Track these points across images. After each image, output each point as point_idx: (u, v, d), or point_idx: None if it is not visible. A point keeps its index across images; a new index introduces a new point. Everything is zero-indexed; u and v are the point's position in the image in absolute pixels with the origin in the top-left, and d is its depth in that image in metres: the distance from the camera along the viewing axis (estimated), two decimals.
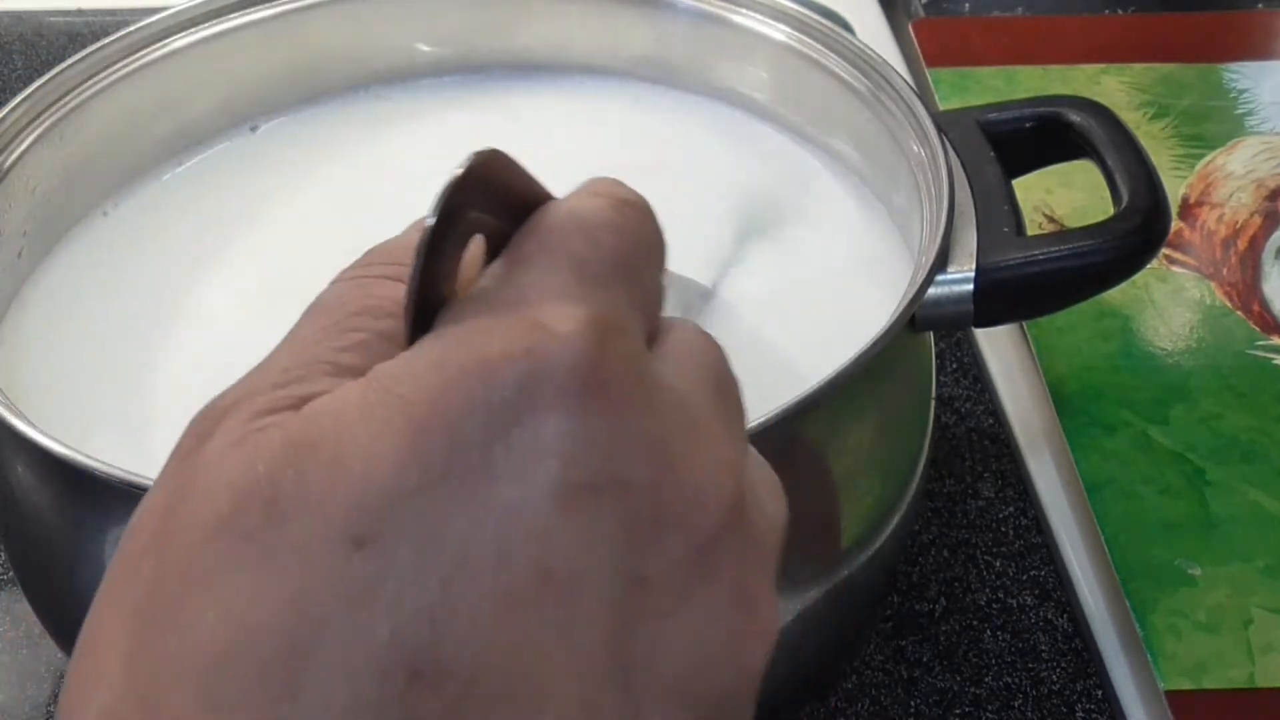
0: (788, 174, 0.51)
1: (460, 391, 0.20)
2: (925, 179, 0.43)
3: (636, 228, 0.24)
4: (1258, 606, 0.49)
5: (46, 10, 0.82)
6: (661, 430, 0.21)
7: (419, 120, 0.54)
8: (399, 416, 0.20)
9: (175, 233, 0.49)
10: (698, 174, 0.51)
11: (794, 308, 0.46)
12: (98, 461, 0.34)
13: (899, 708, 0.47)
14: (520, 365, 0.20)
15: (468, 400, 0.20)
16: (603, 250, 0.23)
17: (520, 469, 0.20)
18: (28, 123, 0.46)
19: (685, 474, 0.21)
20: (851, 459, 0.40)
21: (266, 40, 0.52)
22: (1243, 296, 0.61)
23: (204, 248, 0.48)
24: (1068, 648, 0.49)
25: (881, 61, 0.47)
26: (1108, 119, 0.47)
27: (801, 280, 0.47)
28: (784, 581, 0.40)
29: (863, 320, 0.39)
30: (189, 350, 0.44)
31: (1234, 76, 0.73)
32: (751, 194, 0.51)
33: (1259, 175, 0.67)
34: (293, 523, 0.20)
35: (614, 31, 0.54)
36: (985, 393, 0.58)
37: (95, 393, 0.43)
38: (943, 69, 0.73)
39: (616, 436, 0.21)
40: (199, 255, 0.48)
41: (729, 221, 0.49)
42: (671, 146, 0.52)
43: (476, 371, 0.20)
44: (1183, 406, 0.55)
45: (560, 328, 0.21)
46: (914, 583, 0.51)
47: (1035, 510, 0.54)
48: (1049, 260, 0.42)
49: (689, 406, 0.22)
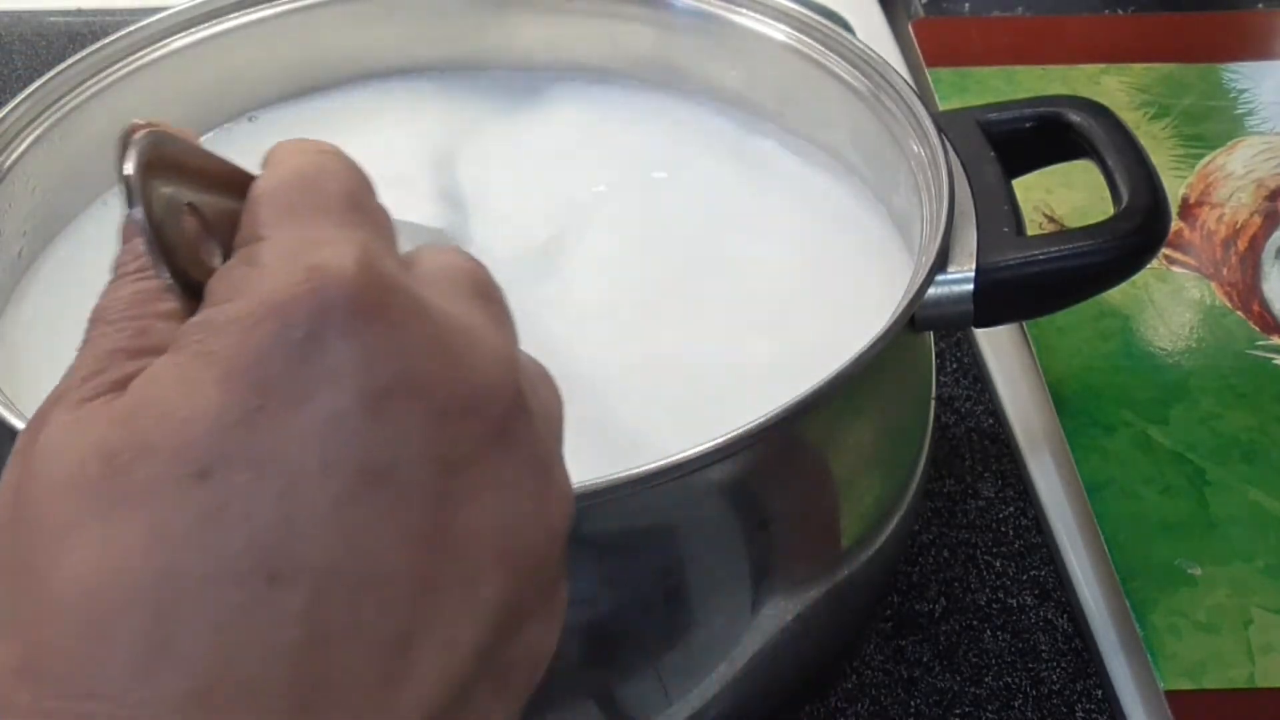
0: (787, 174, 0.51)
1: (259, 334, 0.23)
2: (925, 179, 0.43)
3: (345, 170, 0.27)
4: (1258, 606, 0.49)
5: (46, 10, 0.82)
6: (439, 333, 0.24)
7: (419, 120, 0.54)
8: (211, 368, 0.23)
9: None
10: (696, 174, 0.51)
11: (794, 307, 0.46)
12: None
13: (899, 708, 0.47)
14: (307, 302, 0.23)
15: (270, 339, 0.23)
16: (334, 195, 0.26)
17: (327, 387, 0.23)
18: (28, 123, 0.46)
19: (469, 366, 0.24)
20: (851, 459, 0.40)
21: (266, 40, 0.52)
22: (1243, 296, 0.60)
23: None
24: (1068, 648, 0.49)
25: (881, 61, 0.47)
26: (1108, 119, 0.47)
27: (801, 280, 0.47)
28: (784, 581, 0.40)
29: (863, 320, 0.39)
30: None
31: (1234, 76, 0.73)
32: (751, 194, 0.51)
33: (1259, 175, 0.67)
34: (135, 470, 0.22)
35: (614, 31, 0.54)
36: (985, 393, 0.58)
37: None
38: (943, 69, 0.73)
39: (402, 344, 0.23)
40: None
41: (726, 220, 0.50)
42: (671, 146, 0.52)
43: (271, 314, 0.23)
44: (1183, 406, 0.55)
45: (332, 264, 0.23)
46: (914, 583, 0.51)
47: (1035, 510, 0.54)
48: (1049, 260, 0.42)
49: (458, 313, 0.25)
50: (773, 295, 0.46)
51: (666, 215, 0.50)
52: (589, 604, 0.36)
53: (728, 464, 0.35)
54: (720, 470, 0.36)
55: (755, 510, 0.38)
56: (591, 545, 0.35)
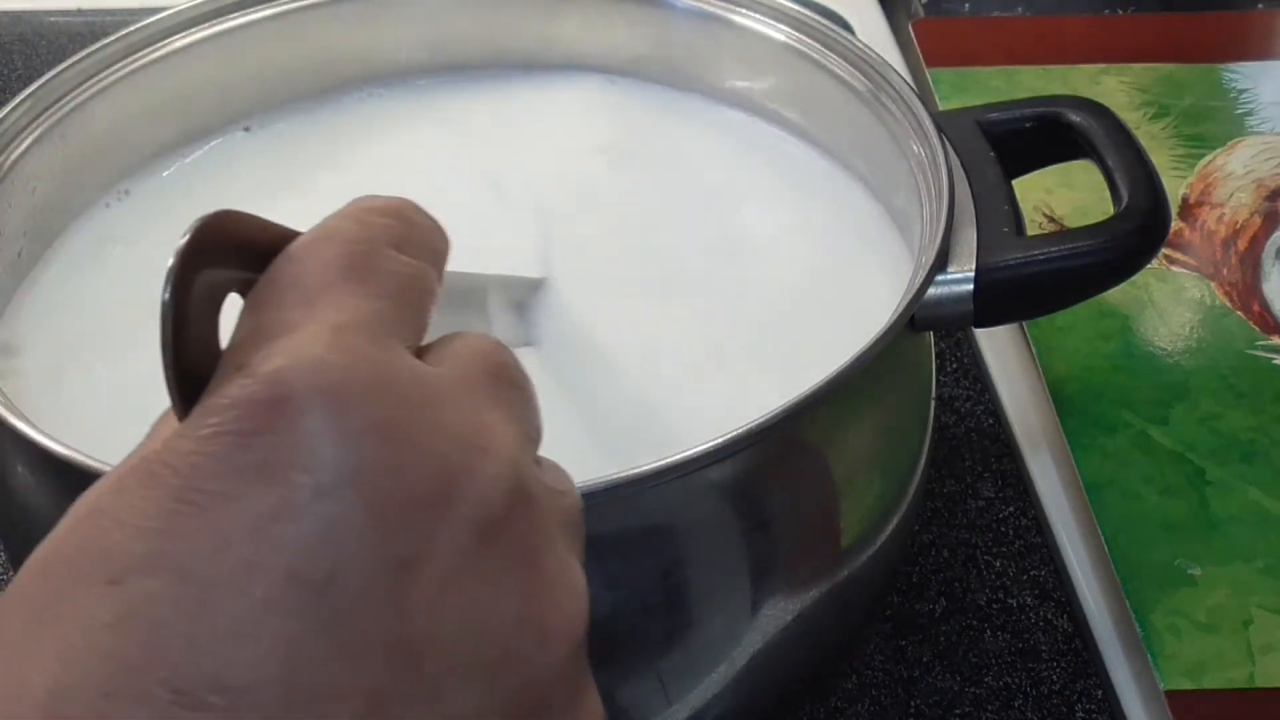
0: (787, 174, 0.51)
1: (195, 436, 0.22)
2: (925, 179, 0.43)
3: (364, 229, 0.25)
4: (1258, 606, 0.49)
5: (46, 10, 0.82)
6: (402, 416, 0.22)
7: (419, 119, 0.54)
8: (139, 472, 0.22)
9: (176, 229, 0.48)
10: (697, 175, 0.51)
11: (793, 307, 0.46)
12: (98, 461, 0.34)
13: (899, 708, 0.47)
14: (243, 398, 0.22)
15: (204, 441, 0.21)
16: (325, 263, 0.24)
17: (257, 486, 0.21)
18: (28, 123, 0.46)
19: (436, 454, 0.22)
20: (851, 459, 0.40)
21: (266, 40, 0.52)
22: (1243, 296, 0.60)
23: None
24: (1068, 648, 0.49)
25: (881, 61, 0.47)
26: (1108, 119, 0.47)
27: (801, 280, 0.47)
28: (784, 581, 0.40)
29: (862, 320, 0.39)
30: None
31: (1234, 76, 0.73)
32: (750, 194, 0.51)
33: (1259, 175, 0.67)
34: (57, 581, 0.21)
35: (614, 32, 0.54)
36: (985, 393, 0.58)
37: (95, 391, 0.43)
38: (943, 69, 0.73)
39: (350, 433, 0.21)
40: None
41: (725, 220, 0.49)
42: (671, 147, 0.52)
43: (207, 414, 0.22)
44: (1183, 406, 0.55)
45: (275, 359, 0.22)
46: (914, 583, 0.51)
47: (1035, 510, 0.54)
48: (1049, 260, 0.42)
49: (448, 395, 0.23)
50: (772, 294, 0.46)
51: (666, 215, 0.50)
52: (589, 604, 0.36)
53: (728, 464, 0.35)
54: (720, 470, 0.36)
55: (755, 510, 0.38)
56: (591, 545, 0.35)
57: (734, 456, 0.35)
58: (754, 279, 0.47)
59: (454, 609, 0.22)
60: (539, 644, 0.23)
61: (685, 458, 0.34)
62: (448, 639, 0.22)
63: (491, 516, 0.23)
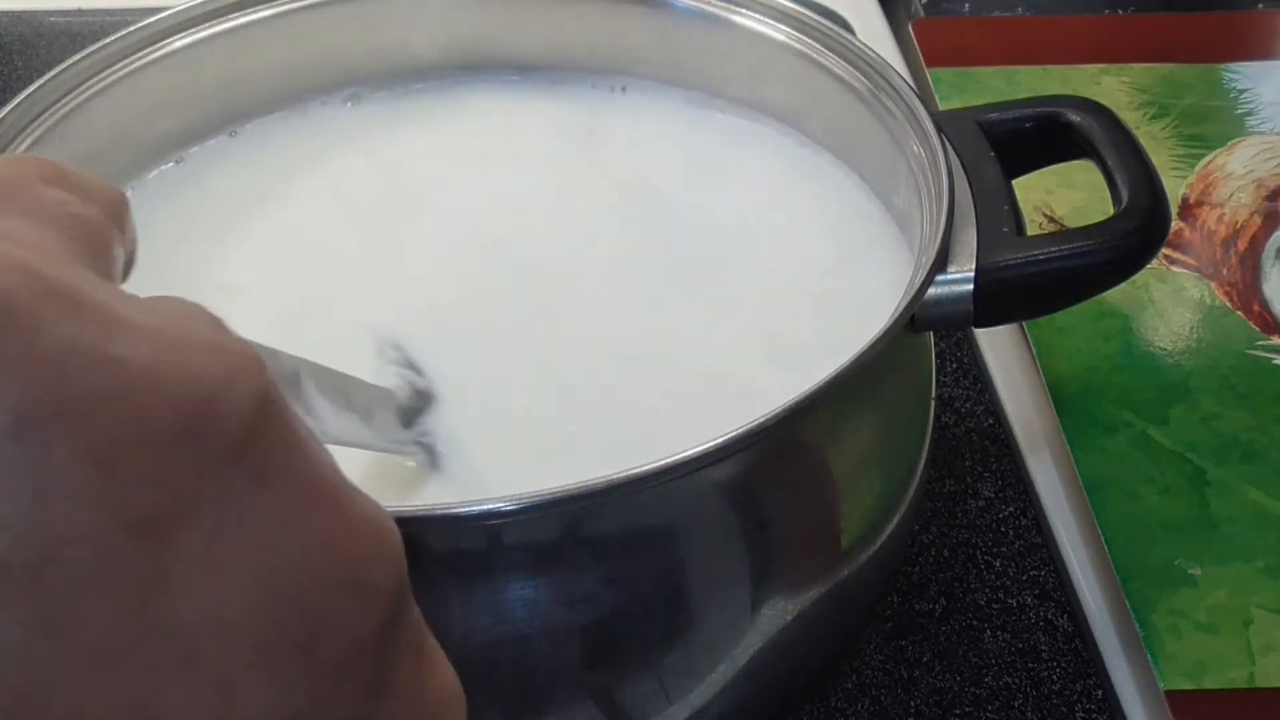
0: (787, 174, 0.51)
1: None
2: (925, 179, 0.43)
3: (15, 165, 0.21)
4: (1258, 606, 0.48)
5: (46, 10, 0.82)
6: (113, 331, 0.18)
7: (419, 120, 0.54)
8: None
9: (176, 229, 0.49)
10: (696, 174, 0.51)
11: (793, 307, 0.46)
12: None
13: (899, 708, 0.47)
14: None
15: None
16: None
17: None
18: (28, 123, 0.46)
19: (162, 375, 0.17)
20: (851, 459, 0.40)
21: (266, 40, 0.52)
22: (1243, 296, 0.60)
23: (206, 241, 0.48)
24: (1068, 648, 0.49)
25: (881, 61, 0.47)
26: (1108, 119, 0.47)
27: (801, 280, 0.47)
28: (784, 581, 0.40)
29: (862, 320, 0.39)
30: None
31: (1234, 76, 0.73)
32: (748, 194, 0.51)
33: (1259, 175, 0.67)
34: None
35: (613, 32, 0.54)
36: (985, 393, 0.58)
37: None
38: (943, 69, 0.73)
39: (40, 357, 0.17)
40: (198, 251, 0.48)
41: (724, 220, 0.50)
42: (670, 147, 0.52)
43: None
44: (1183, 406, 0.55)
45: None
46: (914, 583, 0.51)
47: (1035, 510, 0.54)
48: (1049, 260, 0.42)
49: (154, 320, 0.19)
50: (772, 294, 0.46)
51: (664, 214, 0.50)
52: (589, 604, 0.36)
53: (728, 464, 0.35)
54: (720, 470, 0.36)
55: (755, 510, 0.38)
56: (591, 545, 0.35)
57: (734, 456, 0.35)
58: (753, 279, 0.47)
59: (229, 574, 0.17)
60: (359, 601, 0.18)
61: (685, 458, 0.34)
62: (228, 619, 0.17)
63: (252, 441, 0.18)
